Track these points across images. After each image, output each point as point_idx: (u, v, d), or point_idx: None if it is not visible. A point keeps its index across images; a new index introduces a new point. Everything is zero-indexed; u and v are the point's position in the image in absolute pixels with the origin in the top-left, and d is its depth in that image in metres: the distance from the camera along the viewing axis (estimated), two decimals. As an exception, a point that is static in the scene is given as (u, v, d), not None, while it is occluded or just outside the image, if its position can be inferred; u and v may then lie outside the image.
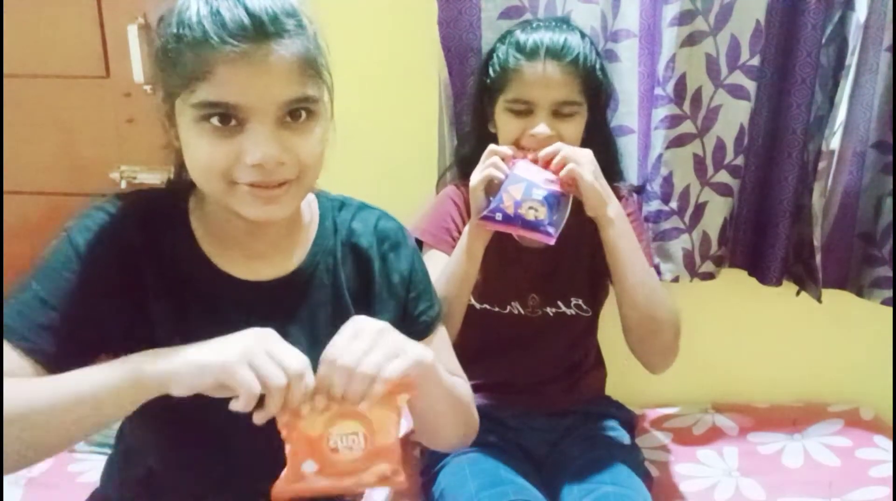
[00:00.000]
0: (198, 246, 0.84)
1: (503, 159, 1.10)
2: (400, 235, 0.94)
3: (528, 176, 1.07)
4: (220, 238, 0.85)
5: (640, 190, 1.40)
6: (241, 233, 0.84)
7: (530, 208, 1.05)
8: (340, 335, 0.74)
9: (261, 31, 0.71)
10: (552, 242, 1.07)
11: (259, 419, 0.70)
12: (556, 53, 1.13)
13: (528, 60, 1.14)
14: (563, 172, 1.08)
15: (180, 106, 0.74)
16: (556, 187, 1.08)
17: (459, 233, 1.26)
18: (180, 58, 0.72)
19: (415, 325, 0.93)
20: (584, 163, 1.08)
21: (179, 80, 0.72)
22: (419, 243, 1.29)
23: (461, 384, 0.96)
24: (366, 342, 0.73)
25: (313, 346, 0.78)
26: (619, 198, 1.27)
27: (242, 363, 0.67)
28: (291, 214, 0.83)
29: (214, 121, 0.72)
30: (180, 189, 0.86)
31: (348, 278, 0.90)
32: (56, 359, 0.76)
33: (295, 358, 0.70)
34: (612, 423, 1.31)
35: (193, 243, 0.84)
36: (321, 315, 0.87)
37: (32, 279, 0.78)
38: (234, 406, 0.68)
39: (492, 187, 1.09)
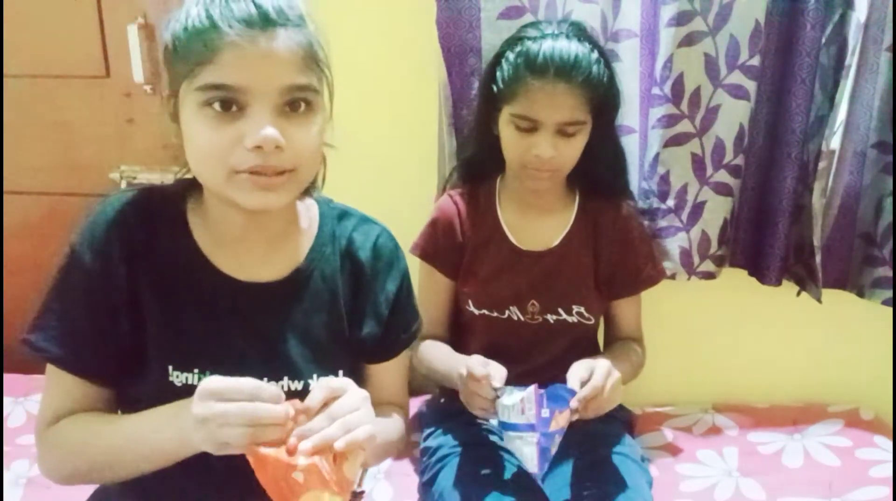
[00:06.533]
0: (196, 245, 0.84)
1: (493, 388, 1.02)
2: (395, 255, 0.95)
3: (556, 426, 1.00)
4: (217, 238, 0.85)
5: (644, 211, 1.40)
6: (238, 230, 0.84)
7: (522, 440, 1.01)
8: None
9: (266, 19, 0.74)
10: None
11: None
12: (565, 73, 1.11)
13: (537, 79, 1.12)
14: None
15: (184, 93, 0.76)
16: (561, 430, 1.01)
17: (456, 253, 1.27)
18: (187, 47, 0.74)
19: (391, 345, 0.95)
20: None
21: (185, 66, 0.75)
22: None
23: (393, 427, 0.96)
24: (355, 400, 0.74)
25: (306, 350, 0.78)
26: (623, 215, 1.28)
27: (221, 444, 0.69)
28: (286, 206, 0.84)
29: (216, 106, 0.74)
30: (180, 189, 0.87)
31: (344, 286, 0.90)
32: (101, 373, 0.82)
33: (240, 412, 0.68)
34: (612, 423, 1.30)
35: (191, 241, 0.84)
36: (316, 320, 0.88)
37: (51, 300, 0.82)
38: None
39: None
